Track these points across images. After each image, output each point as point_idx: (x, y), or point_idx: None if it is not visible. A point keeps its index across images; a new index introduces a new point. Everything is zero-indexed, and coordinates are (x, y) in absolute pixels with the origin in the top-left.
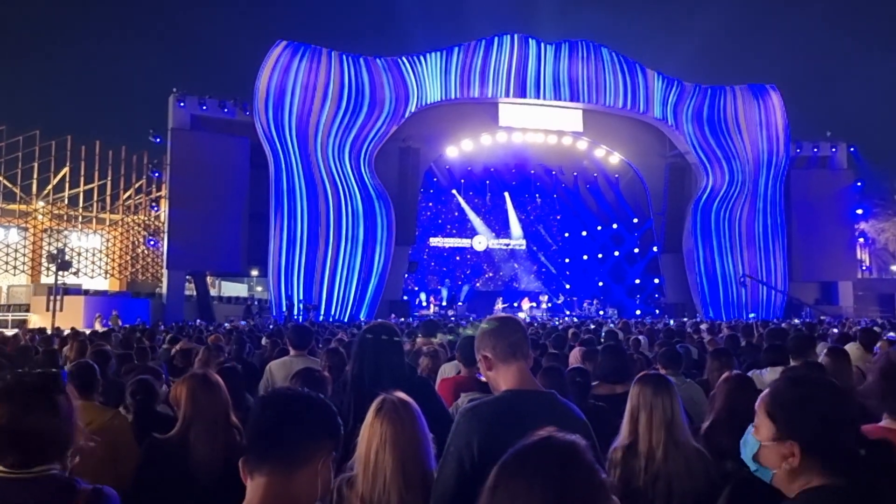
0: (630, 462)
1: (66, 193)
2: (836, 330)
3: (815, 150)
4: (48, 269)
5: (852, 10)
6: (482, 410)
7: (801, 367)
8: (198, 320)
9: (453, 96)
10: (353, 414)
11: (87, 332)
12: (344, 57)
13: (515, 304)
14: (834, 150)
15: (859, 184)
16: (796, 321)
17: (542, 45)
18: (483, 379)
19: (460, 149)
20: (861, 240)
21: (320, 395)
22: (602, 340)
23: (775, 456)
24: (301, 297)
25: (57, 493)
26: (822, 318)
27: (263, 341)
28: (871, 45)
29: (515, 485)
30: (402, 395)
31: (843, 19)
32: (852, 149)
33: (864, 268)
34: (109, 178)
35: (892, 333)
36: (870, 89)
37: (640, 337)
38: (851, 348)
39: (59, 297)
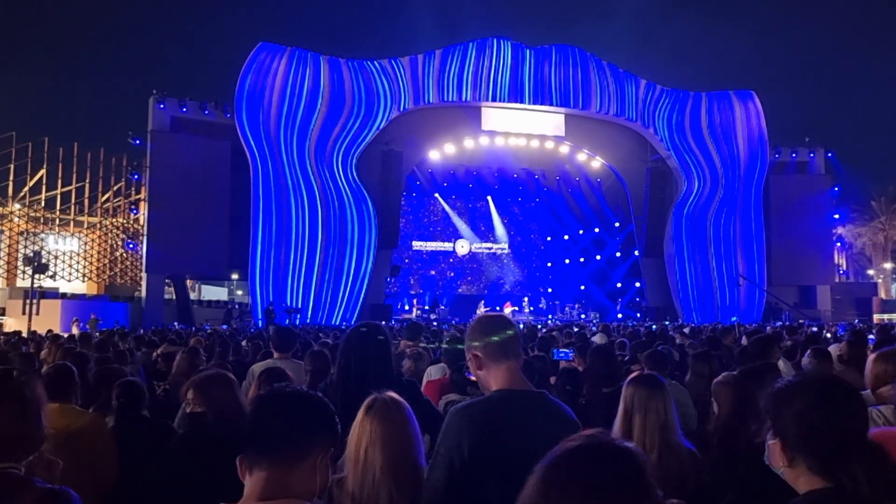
0: None
1: (43, 196)
2: (814, 329)
3: (794, 155)
4: (24, 272)
5: (831, 18)
6: (473, 411)
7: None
8: (175, 323)
9: (436, 100)
10: (339, 413)
11: (65, 335)
12: (327, 60)
13: (498, 308)
14: (812, 155)
15: (837, 189)
16: (778, 324)
17: (525, 49)
18: (472, 378)
19: (443, 152)
20: (838, 244)
21: (318, 392)
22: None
23: (774, 454)
24: (288, 302)
25: (9, 491)
26: (801, 321)
27: (244, 343)
28: (848, 53)
29: (577, 487)
30: (393, 394)
31: (822, 27)
32: (830, 154)
33: (841, 272)
34: (88, 181)
35: (871, 336)
36: (847, 96)
37: (623, 340)
38: (835, 350)
39: (35, 301)
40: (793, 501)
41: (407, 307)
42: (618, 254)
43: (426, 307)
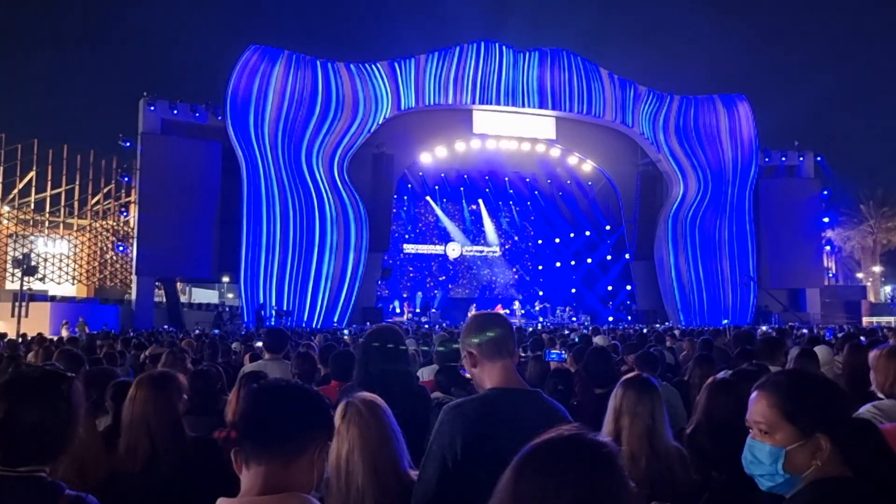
0: None
1: (33, 198)
2: (805, 331)
3: (783, 159)
4: (13, 274)
5: (822, 23)
6: (466, 408)
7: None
8: (165, 326)
9: (427, 103)
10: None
11: (54, 339)
12: (317, 62)
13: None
14: (801, 159)
15: (826, 192)
16: (764, 328)
17: (516, 53)
18: (467, 375)
19: (434, 155)
20: (828, 248)
21: (313, 386)
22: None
23: (804, 457)
24: (273, 304)
25: (39, 496)
26: (791, 324)
27: (234, 346)
28: (839, 57)
29: (544, 480)
30: (366, 395)
31: (812, 31)
32: (819, 158)
33: (830, 275)
34: (77, 183)
35: (862, 338)
36: (836, 100)
37: (615, 343)
38: (821, 351)
39: (24, 304)
40: (825, 485)
41: (398, 310)
42: (608, 257)
43: (417, 310)
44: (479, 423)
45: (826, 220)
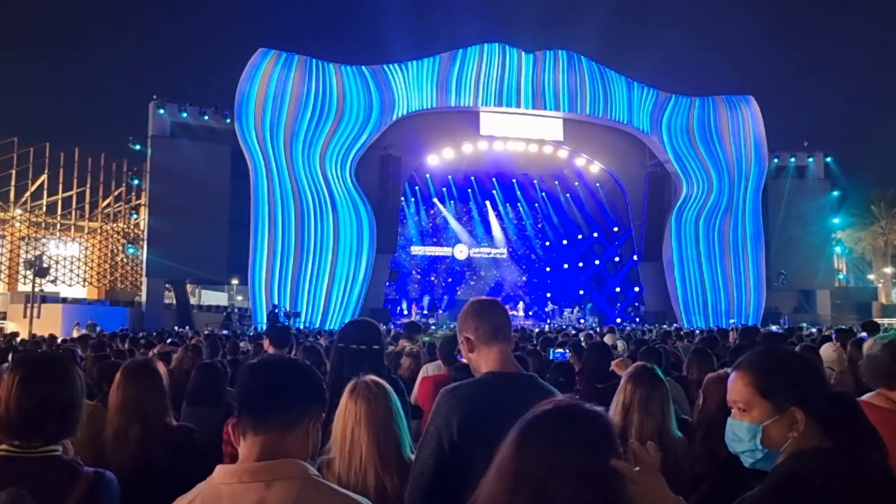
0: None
1: (45, 201)
2: (814, 330)
3: (793, 159)
4: (25, 276)
5: (829, 23)
6: (462, 391)
7: None
8: (175, 327)
9: (434, 105)
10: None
11: (67, 339)
12: (325, 65)
13: None
14: (811, 160)
15: (836, 193)
16: (776, 328)
17: (523, 54)
18: (464, 361)
19: (442, 157)
20: (838, 249)
21: (307, 361)
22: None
23: (780, 431)
24: (286, 305)
25: (62, 474)
26: (800, 325)
27: (242, 345)
28: (848, 57)
29: (549, 451)
30: (373, 376)
31: (820, 31)
32: (829, 158)
33: (841, 276)
34: (88, 186)
35: (863, 334)
36: (846, 100)
37: (619, 342)
38: (827, 349)
39: (36, 305)
40: (806, 455)
41: (406, 311)
42: (616, 258)
43: (425, 311)
44: (475, 405)
45: (836, 220)
